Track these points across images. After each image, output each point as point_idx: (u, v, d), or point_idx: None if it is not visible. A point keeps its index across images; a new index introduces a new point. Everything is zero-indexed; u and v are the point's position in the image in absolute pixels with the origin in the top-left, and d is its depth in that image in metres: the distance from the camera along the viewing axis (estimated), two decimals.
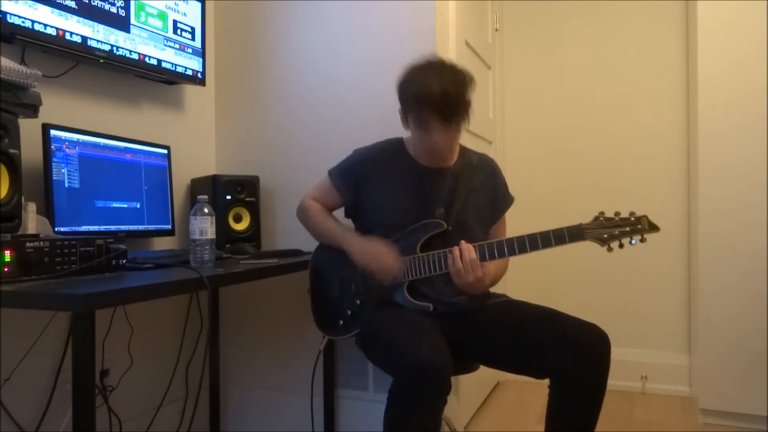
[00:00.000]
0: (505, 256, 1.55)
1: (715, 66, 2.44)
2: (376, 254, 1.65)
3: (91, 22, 1.79)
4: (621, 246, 1.48)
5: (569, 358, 1.46)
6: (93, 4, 1.79)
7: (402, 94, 1.63)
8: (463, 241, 1.56)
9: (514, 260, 1.68)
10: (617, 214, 1.48)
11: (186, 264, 1.60)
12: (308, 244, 2.14)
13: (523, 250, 1.53)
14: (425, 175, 1.72)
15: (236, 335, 2.44)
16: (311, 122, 2.34)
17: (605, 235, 1.48)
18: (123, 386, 2.02)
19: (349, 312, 1.73)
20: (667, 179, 2.95)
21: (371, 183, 1.75)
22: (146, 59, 2.00)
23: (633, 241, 1.47)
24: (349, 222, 1.87)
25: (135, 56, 1.95)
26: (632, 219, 1.48)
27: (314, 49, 2.34)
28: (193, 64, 2.21)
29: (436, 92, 1.53)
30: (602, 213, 1.49)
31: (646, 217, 1.47)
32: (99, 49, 1.82)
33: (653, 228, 1.47)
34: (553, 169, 3.16)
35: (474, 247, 1.55)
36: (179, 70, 2.14)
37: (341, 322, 1.75)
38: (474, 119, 2.52)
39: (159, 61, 2.05)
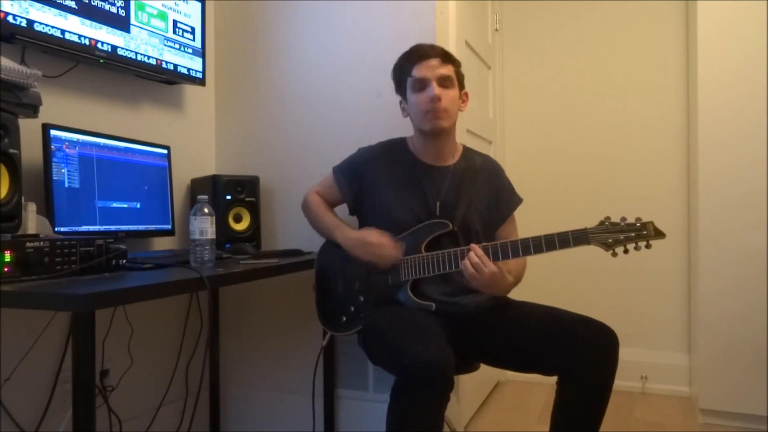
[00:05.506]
0: (509, 258, 1.55)
1: (715, 66, 2.44)
2: (372, 244, 1.67)
3: (91, 22, 1.79)
4: (626, 251, 1.46)
5: (577, 354, 1.46)
6: (93, 4, 1.79)
7: (395, 74, 1.76)
8: (471, 245, 1.54)
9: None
10: (623, 219, 1.47)
11: (186, 264, 1.59)
12: (308, 244, 2.14)
13: (527, 252, 1.52)
14: (428, 172, 1.74)
15: (236, 335, 2.44)
16: (311, 122, 2.34)
17: (610, 240, 1.46)
18: (123, 386, 2.02)
19: (353, 308, 1.74)
20: (668, 179, 2.95)
21: (375, 181, 1.77)
22: (146, 59, 2.00)
23: (638, 247, 1.46)
24: (353, 219, 1.88)
25: (135, 56, 1.95)
26: (638, 225, 1.46)
27: (314, 49, 2.34)
28: (193, 64, 2.21)
29: (418, 46, 1.71)
30: (608, 218, 1.48)
31: (652, 223, 1.45)
32: (99, 49, 1.82)
33: (659, 234, 1.45)
34: (553, 169, 3.16)
35: (480, 246, 1.54)
36: (179, 70, 2.14)
37: (344, 319, 1.75)
38: (474, 119, 2.54)
39: (159, 61, 2.05)
